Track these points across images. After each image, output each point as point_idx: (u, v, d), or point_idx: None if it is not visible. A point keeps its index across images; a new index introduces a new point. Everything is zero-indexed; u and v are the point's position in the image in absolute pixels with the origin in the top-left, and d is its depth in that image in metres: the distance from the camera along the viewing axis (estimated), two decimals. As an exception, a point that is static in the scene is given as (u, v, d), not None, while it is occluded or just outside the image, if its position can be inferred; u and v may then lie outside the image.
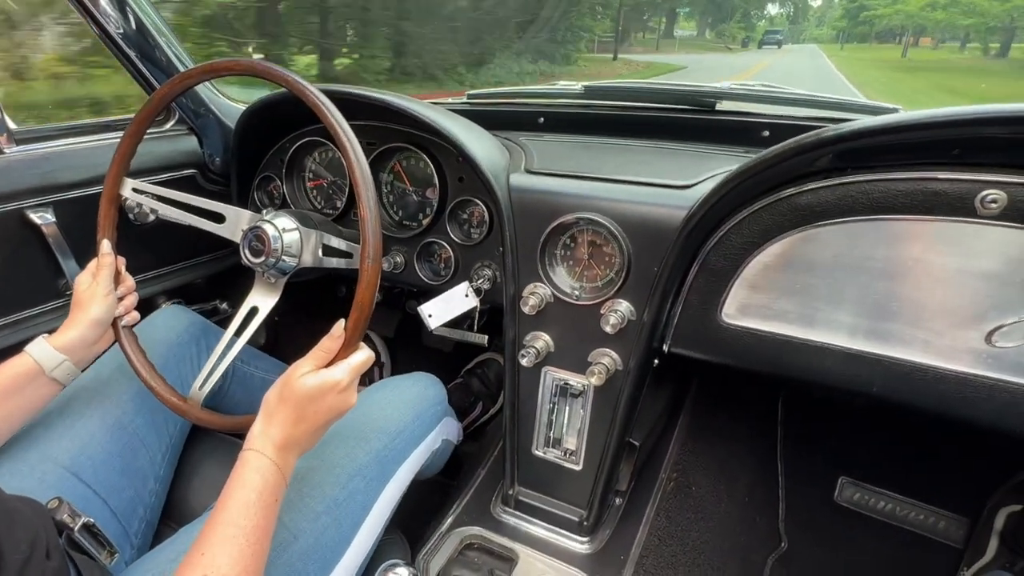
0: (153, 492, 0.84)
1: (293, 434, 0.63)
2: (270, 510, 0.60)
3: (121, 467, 0.80)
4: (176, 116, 1.23)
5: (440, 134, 0.91)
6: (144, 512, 0.82)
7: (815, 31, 49.15)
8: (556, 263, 0.90)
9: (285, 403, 0.64)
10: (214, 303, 1.40)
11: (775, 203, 0.73)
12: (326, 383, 0.64)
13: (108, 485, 0.77)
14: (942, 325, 0.68)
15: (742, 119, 1.05)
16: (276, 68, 0.74)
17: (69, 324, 0.77)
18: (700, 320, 0.83)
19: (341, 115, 0.71)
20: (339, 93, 0.94)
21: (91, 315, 0.77)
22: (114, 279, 0.81)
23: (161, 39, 1.12)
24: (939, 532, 1.20)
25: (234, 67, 0.77)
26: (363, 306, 0.67)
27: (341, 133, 0.70)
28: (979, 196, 0.62)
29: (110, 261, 0.81)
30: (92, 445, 0.79)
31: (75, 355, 0.76)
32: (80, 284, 0.79)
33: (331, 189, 1.19)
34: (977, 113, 0.57)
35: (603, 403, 0.91)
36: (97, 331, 0.78)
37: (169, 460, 0.89)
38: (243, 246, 0.84)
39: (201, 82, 0.85)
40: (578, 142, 1.12)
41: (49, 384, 0.74)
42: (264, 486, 0.60)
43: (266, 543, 0.59)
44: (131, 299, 0.84)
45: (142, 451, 0.84)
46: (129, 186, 0.86)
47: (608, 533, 1.00)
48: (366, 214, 0.68)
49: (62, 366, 0.74)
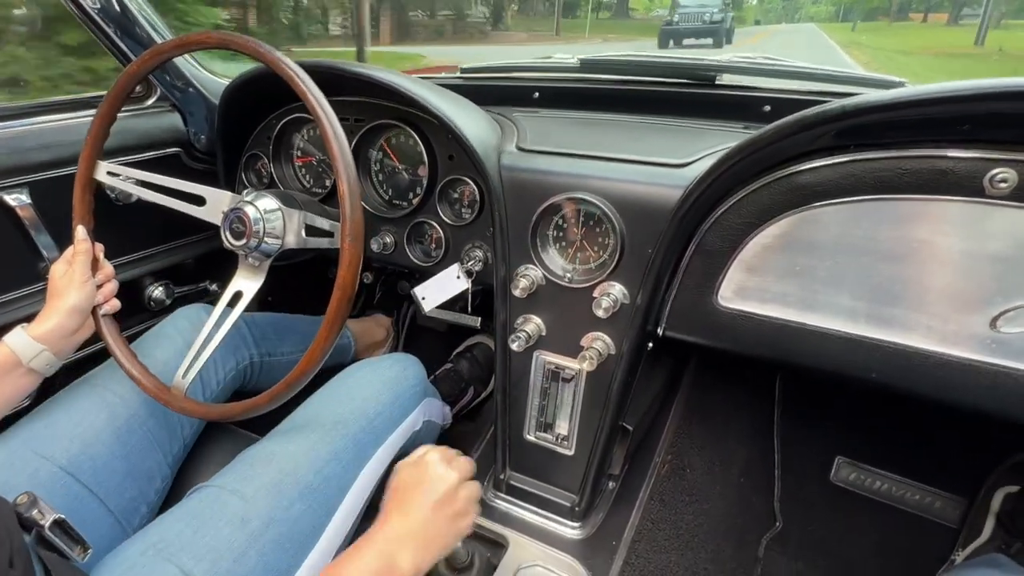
0: (159, 491, 0.83)
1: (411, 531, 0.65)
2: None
3: (126, 469, 0.78)
4: (158, 92, 1.19)
5: (427, 110, 0.88)
6: (147, 509, 0.81)
7: (812, 8, 45.92)
8: (548, 244, 0.87)
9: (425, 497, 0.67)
10: (204, 284, 1.38)
11: (775, 182, 0.70)
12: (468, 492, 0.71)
13: (108, 486, 0.76)
14: (945, 310, 0.65)
15: (742, 93, 1.01)
16: (250, 40, 0.70)
17: (46, 313, 0.75)
18: (695, 303, 0.80)
19: (316, 87, 0.68)
20: (325, 67, 0.91)
21: (68, 303, 0.75)
22: (92, 266, 0.79)
23: (140, 15, 1.08)
24: (935, 512, 1.20)
25: (206, 40, 0.74)
26: (345, 286, 0.66)
27: (316, 105, 0.67)
28: (988, 175, 0.59)
29: (86, 248, 0.78)
30: (96, 445, 0.77)
31: (54, 345, 0.74)
32: (55, 272, 0.77)
33: (320, 167, 1.15)
34: (988, 87, 0.53)
35: (596, 388, 0.89)
36: (76, 319, 0.76)
37: (179, 458, 0.88)
38: (224, 228, 0.81)
39: (173, 57, 0.81)
40: (573, 118, 1.08)
41: (27, 375, 0.73)
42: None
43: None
44: (110, 287, 0.82)
45: (152, 453, 0.82)
46: (103, 169, 0.83)
47: (600, 518, 0.99)
48: (344, 189, 0.65)
49: (40, 356, 0.72)
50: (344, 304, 0.65)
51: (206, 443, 0.96)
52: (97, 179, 0.82)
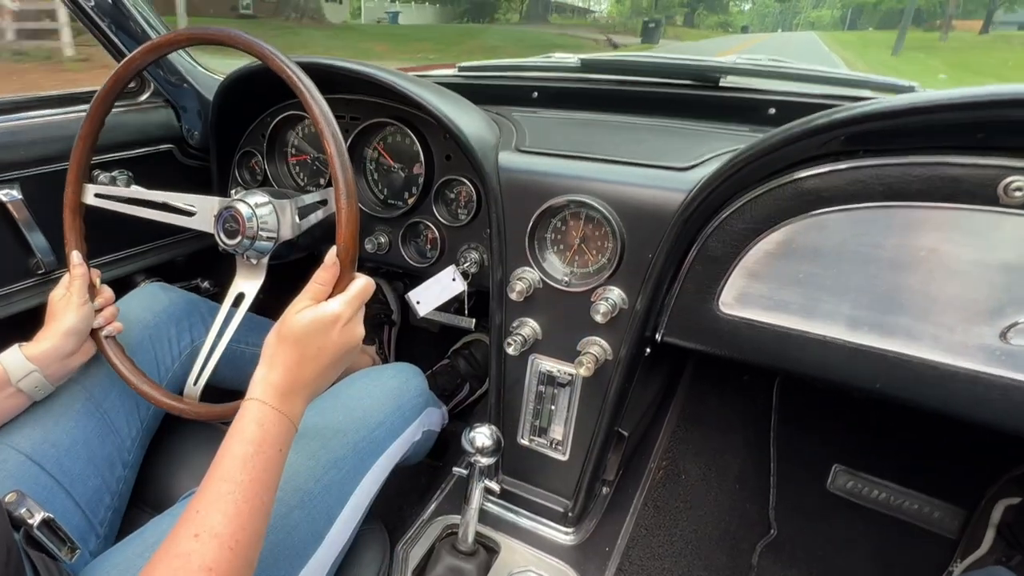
0: (121, 479, 0.81)
1: (299, 376, 0.60)
2: (272, 462, 0.56)
3: (87, 455, 0.77)
4: (151, 87, 1.17)
5: (425, 109, 0.86)
6: (111, 500, 0.79)
7: (813, 13, 44.20)
8: (546, 247, 0.85)
9: (284, 342, 0.60)
10: (195, 281, 1.36)
11: (780, 187, 0.68)
12: (327, 315, 0.61)
13: (72, 474, 0.74)
14: (954, 320, 0.63)
15: (747, 96, 0.99)
16: (244, 35, 0.68)
17: (42, 335, 0.73)
18: (696, 309, 0.78)
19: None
20: (321, 65, 0.90)
21: (65, 325, 0.73)
22: (89, 290, 0.78)
23: (135, 9, 1.05)
24: (933, 522, 1.18)
25: (204, 35, 0.72)
26: (348, 247, 0.64)
27: (295, 77, 0.67)
28: (1003, 183, 0.57)
29: (82, 272, 0.77)
30: (56, 431, 0.75)
31: (48, 367, 0.72)
32: (54, 296, 0.76)
33: (314, 165, 1.13)
34: (1004, 94, 0.52)
35: (592, 393, 0.88)
36: (72, 342, 0.74)
37: (140, 443, 0.85)
38: (217, 231, 0.80)
39: (170, 52, 0.79)
40: (573, 118, 1.06)
41: (15, 396, 0.71)
42: (263, 437, 0.56)
43: (267, 497, 0.55)
44: (111, 310, 0.80)
45: (111, 437, 0.80)
46: (91, 192, 0.81)
47: (594, 524, 0.97)
48: (332, 149, 0.64)
49: (30, 377, 0.71)
50: (349, 263, 0.64)
51: (189, 434, 0.94)
52: (85, 203, 0.81)
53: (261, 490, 0.54)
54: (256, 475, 0.54)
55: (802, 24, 42.66)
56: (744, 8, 43.49)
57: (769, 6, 45.93)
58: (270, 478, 0.56)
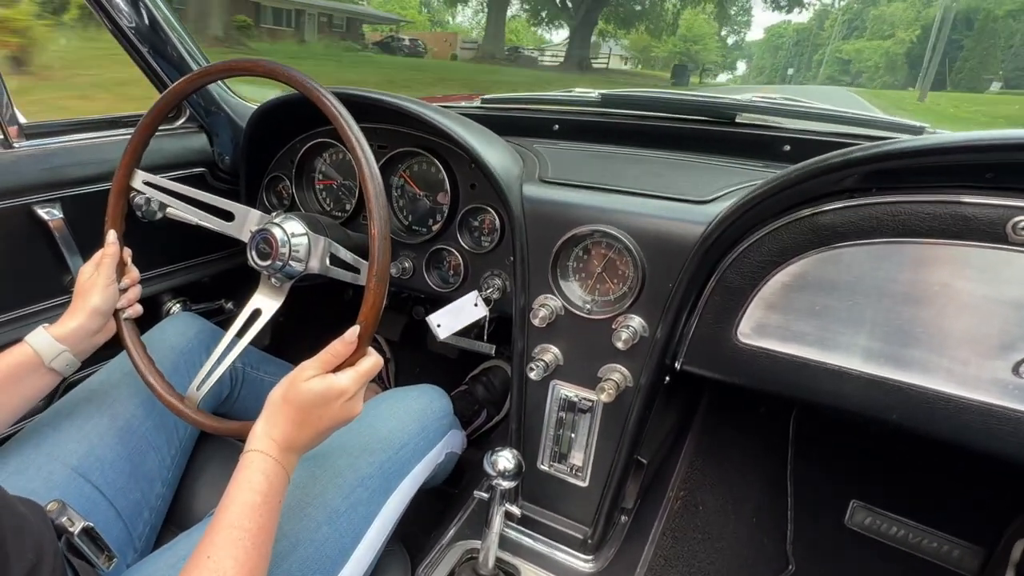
0: (160, 496, 0.83)
1: (296, 436, 0.62)
2: (274, 512, 0.59)
3: (130, 470, 0.79)
4: (187, 113, 1.22)
5: (453, 140, 0.89)
6: (149, 515, 0.81)
7: (828, 69, 44.47)
8: (568, 275, 0.88)
9: (289, 404, 0.62)
10: (219, 302, 1.39)
11: (796, 221, 0.71)
12: (332, 390, 0.63)
13: (115, 487, 0.76)
14: (967, 354, 0.65)
15: (763, 132, 1.03)
16: (293, 71, 0.73)
17: (69, 313, 0.76)
18: (714, 339, 0.80)
19: (356, 125, 0.70)
20: (351, 96, 0.93)
21: (91, 304, 0.76)
22: (118, 270, 0.81)
23: (173, 35, 1.11)
24: (952, 561, 1.17)
25: (253, 68, 0.76)
26: (367, 324, 0.66)
27: (357, 146, 0.68)
28: (1011, 222, 0.59)
29: (114, 251, 0.80)
30: (101, 446, 0.78)
31: (75, 345, 0.75)
32: (83, 274, 0.79)
33: (340, 191, 1.17)
34: (1013, 138, 0.54)
35: (612, 419, 0.89)
36: (97, 321, 0.77)
37: (178, 463, 0.88)
38: (250, 247, 0.82)
39: (218, 79, 0.84)
40: (593, 151, 1.10)
41: (48, 374, 0.73)
42: (269, 488, 0.58)
43: (270, 545, 0.58)
44: (134, 291, 0.83)
45: (151, 454, 0.83)
46: (140, 178, 0.85)
47: (613, 552, 0.98)
48: (376, 232, 0.66)
49: (61, 356, 0.73)
50: (366, 339, 0.66)
51: (213, 458, 0.96)
52: (133, 186, 0.84)
53: (266, 538, 0.57)
54: (263, 523, 0.57)
55: (803, 78, 44.13)
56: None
57: (764, 60, 49.01)
58: (272, 526, 0.59)
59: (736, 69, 53.99)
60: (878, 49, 43.99)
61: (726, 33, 53.63)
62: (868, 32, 51.37)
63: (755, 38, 65.00)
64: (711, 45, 51.33)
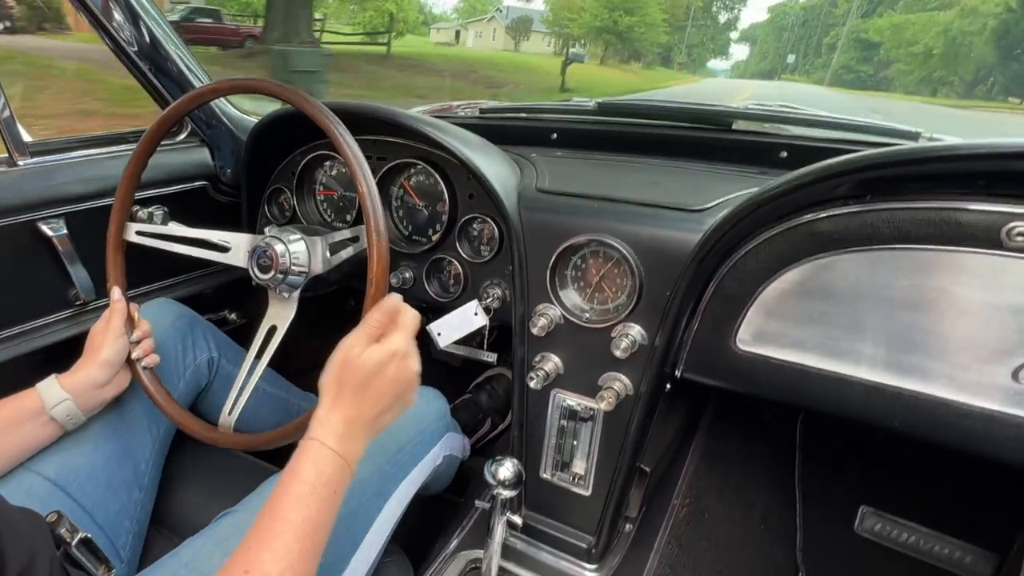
0: (139, 502, 0.83)
1: (360, 416, 0.61)
2: (325, 503, 0.57)
3: (106, 479, 0.79)
4: (188, 128, 1.24)
5: (451, 152, 0.90)
6: (131, 524, 0.81)
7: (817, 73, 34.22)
8: (566, 284, 0.88)
9: (345, 385, 0.61)
10: (223, 313, 1.40)
11: (792, 229, 0.71)
12: (389, 354, 0.62)
13: (94, 499, 0.76)
14: (966, 359, 0.65)
15: (759, 139, 1.03)
16: (280, 85, 0.75)
17: (79, 365, 0.78)
18: (714, 346, 0.80)
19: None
20: (349, 107, 0.94)
21: (101, 356, 0.78)
22: (127, 324, 0.82)
23: (174, 52, 1.12)
24: (965, 567, 1.15)
25: (243, 85, 0.77)
26: (379, 283, 0.68)
27: (329, 122, 0.71)
28: (1005, 228, 0.59)
29: (121, 307, 0.82)
30: (76, 456, 0.78)
31: (80, 396, 0.76)
32: (95, 329, 0.81)
33: (341, 201, 1.18)
34: (1007, 147, 0.55)
35: (613, 428, 0.89)
36: (106, 372, 0.78)
37: (155, 465, 0.88)
38: (251, 266, 0.84)
39: (212, 100, 0.85)
40: (591, 160, 1.10)
41: (48, 424, 0.74)
42: (318, 478, 0.57)
43: (318, 538, 0.56)
44: (148, 343, 0.85)
45: (126, 461, 0.83)
46: (132, 231, 0.88)
47: (617, 561, 0.97)
48: (364, 189, 0.68)
49: (63, 405, 0.74)
50: (381, 295, 0.67)
51: (189, 454, 0.96)
52: (127, 240, 0.87)
53: (312, 531, 0.55)
54: (309, 515, 0.55)
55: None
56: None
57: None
58: (324, 519, 0.57)
59: (728, 55, 45.87)
60: (930, 25, 26.38)
61: (716, 9, 42.98)
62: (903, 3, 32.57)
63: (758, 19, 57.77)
64: (654, 17, 35.42)
